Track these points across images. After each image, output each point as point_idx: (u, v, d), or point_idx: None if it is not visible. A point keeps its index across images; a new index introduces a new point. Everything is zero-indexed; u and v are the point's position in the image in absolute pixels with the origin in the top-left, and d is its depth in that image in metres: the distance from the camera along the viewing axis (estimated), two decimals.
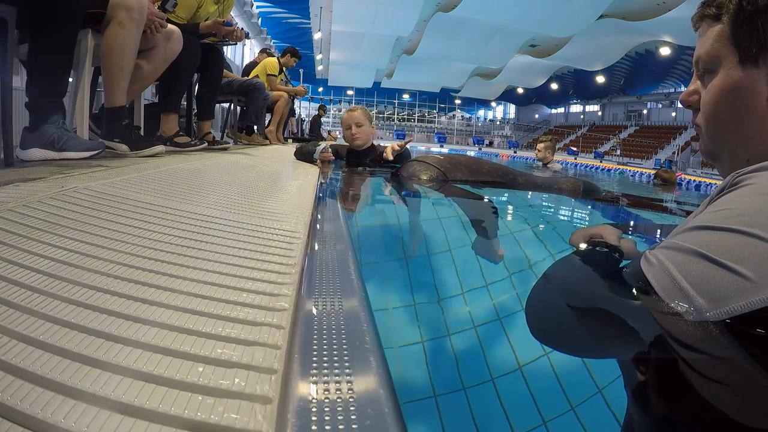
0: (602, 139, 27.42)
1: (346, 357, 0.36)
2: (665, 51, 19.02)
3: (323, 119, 12.06)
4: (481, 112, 38.45)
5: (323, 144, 2.74)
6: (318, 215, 0.98)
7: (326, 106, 13.62)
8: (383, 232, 1.43)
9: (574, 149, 20.28)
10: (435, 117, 35.24)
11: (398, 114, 34.31)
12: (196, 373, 0.31)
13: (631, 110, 30.09)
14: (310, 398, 0.31)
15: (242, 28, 2.68)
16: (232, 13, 3.66)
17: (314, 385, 0.32)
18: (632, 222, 1.84)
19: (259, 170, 1.76)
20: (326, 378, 0.33)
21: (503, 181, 2.26)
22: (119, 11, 1.60)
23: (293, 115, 8.33)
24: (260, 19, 17.80)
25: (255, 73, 4.52)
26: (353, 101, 31.63)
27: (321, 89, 30.48)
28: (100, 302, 0.40)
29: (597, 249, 0.71)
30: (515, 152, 16.74)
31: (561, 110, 36.04)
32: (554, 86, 28.98)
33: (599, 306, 0.61)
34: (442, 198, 2.01)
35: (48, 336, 0.34)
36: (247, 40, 12.04)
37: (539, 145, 4.59)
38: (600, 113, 32.56)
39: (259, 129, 4.19)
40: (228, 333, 0.37)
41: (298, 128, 9.88)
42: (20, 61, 1.55)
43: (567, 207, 2.16)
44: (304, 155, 2.59)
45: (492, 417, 0.58)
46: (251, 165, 1.90)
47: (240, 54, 13.34)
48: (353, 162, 2.54)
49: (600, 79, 26.41)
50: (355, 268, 0.59)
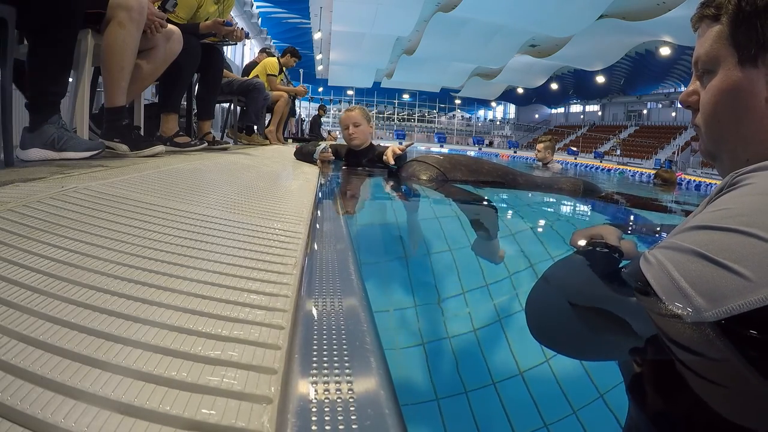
0: (602, 139, 27.41)
1: (346, 357, 0.36)
2: (665, 51, 19.02)
3: (323, 119, 12.05)
4: (481, 112, 38.44)
5: (323, 144, 2.74)
6: (318, 215, 0.98)
7: (326, 106, 13.62)
8: (383, 232, 1.43)
9: (574, 149, 20.27)
10: (435, 117, 35.21)
11: (398, 114, 34.29)
12: (196, 373, 0.32)
13: (631, 110, 30.08)
14: (310, 398, 0.31)
15: (242, 28, 2.68)
16: (232, 13, 3.66)
17: (314, 385, 0.32)
18: (632, 222, 1.84)
19: (259, 170, 1.76)
20: (326, 378, 0.33)
21: (503, 181, 2.26)
22: (119, 11, 1.60)
23: (294, 116, 8.33)
24: (260, 19, 17.81)
25: (255, 73, 4.53)
26: (353, 101, 31.61)
27: (321, 89, 30.48)
28: (100, 302, 0.40)
29: (597, 249, 0.71)
30: (515, 152, 16.74)
31: (561, 110, 36.03)
32: (554, 86, 28.97)
33: (599, 307, 0.61)
34: (442, 198, 2.01)
35: (48, 336, 0.34)
36: (247, 40, 12.04)
37: (539, 146, 4.59)
38: (600, 113, 32.54)
39: (259, 129, 4.19)
40: (228, 333, 0.37)
41: (298, 128, 9.87)
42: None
43: (567, 207, 2.16)
44: (304, 155, 2.59)
45: (493, 418, 0.58)
46: (251, 165, 1.90)
47: (240, 54, 13.35)
48: (352, 162, 2.54)
49: (600, 79, 26.40)
50: (355, 268, 0.59)
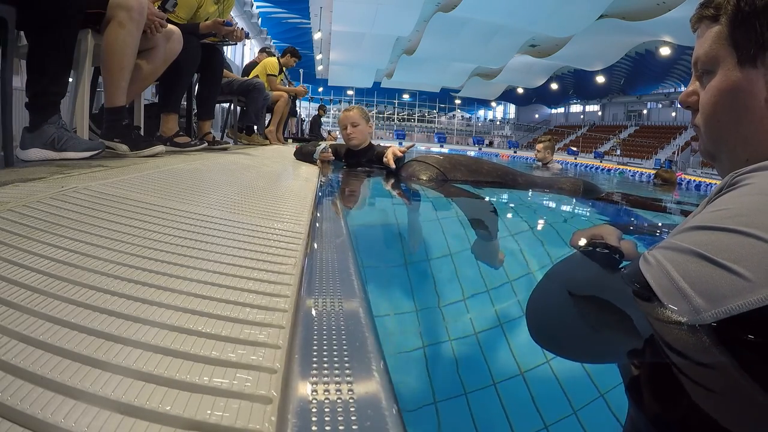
0: (602, 139, 27.40)
1: (346, 357, 0.36)
2: (665, 51, 19.01)
3: (323, 119, 12.06)
4: (481, 112, 38.43)
5: (323, 144, 2.74)
6: (318, 215, 0.98)
7: (326, 106, 13.62)
8: (383, 232, 1.43)
9: (574, 149, 20.25)
10: (435, 117, 35.20)
11: (398, 114, 34.28)
12: (196, 373, 0.32)
13: (631, 110, 30.07)
14: (310, 398, 0.31)
15: (242, 28, 2.68)
16: (232, 13, 3.66)
17: (314, 385, 0.32)
18: (632, 222, 1.83)
19: (259, 170, 1.76)
20: (326, 378, 0.33)
21: (503, 182, 2.26)
22: (119, 11, 1.60)
23: (295, 116, 8.33)
24: (260, 19, 17.81)
25: (255, 73, 4.53)
26: (353, 101, 31.59)
27: (321, 89, 30.48)
28: (100, 302, 0.40)
29: (597, 250, 0.71)
30: (515, 152, 16.72)
31: (561, 110, 36.02)
32: (554, 86, 28.96)
33: (599, 309, 0.61)
34: (442, 198, 2.01)
35: (48, 336, 0.34)
36: (247, 40, 12.04)
37: (538, 146, 4.59)
38: (600, 113, 32.54)
39: (259, 129, 4.18)
40: (228, 333, 0.37)
41: (298, 128, 9.87)
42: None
43: (567, 207, 2.16)
44: (304, 155, 2.60)
45: (493, 418, 0.58)
46: (251, 165, 1.90)
47: (240, 54, 13.35)
48: (351, 162, 2.55)
49: (600, 79, 26.40)
50: (355, 269, 0.59)
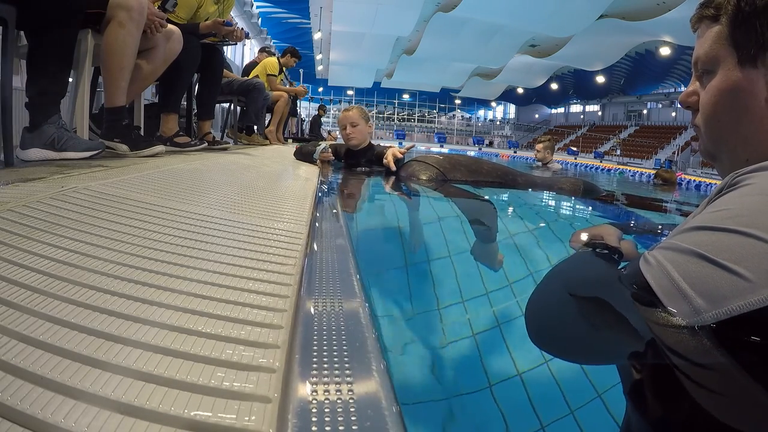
0: (602, 139, 27.40)
1: (346, 357, 0.36)
2: (665, 51, 19.00)
3: (323, 119, 12.05)
4: (481, 112, 38.42)
5: (323, 144, 2.74)
6: (318, 215, 0.98)
7: (326, 106, 13.62)
8: (383, 233, 1.43)
9: (574, 149, 20.25)
10: (435, 117, 35.19)
11: (398, 114, 34.27)
12: (196, 373, 0.32)
13: (631, 110, 30.06)
14: (310, 398, 0.31)
15: (242, 28, 2.68)
16: (232, 13, 3.66)
17: (314, 385, 0.32)
18: (632, 222, 1.83)
19: (259, 170, 1.76)
20: (326, 378, 0.33)
21: (503, 182, 2.26)
22: (119, 11, 1.60)
23: (294, 116, 8.32)
24: (260, 19, 17.81)
25: (255, 73, 4.53)
26: (353, 101, 31.58)
27: (321, 89, 30.47)
28: (100, 302, 0.40)
29: (597, 250, 0.71)
30: (515, 152, 16.72)
31: (561, 110, 36.02)
32: (554, 86, 28.94)
33: (598, 310, 0.61)
34: (441, 198, 2.01)
35: (48, 336, 0.34)
36: (247, 40, 12.04)
37: (538, 146, 4.59)
38: (600, 113, 32.53)
39: (259, 129, 4.18)
40: (228, 333, 0.37)
41: (298, 128, 9.87)
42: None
43: (567, 207, 2.16)
44: (304, 155, 2.59)
45: (492, 419, 0.58)
46: (251, 165, 1.90)
47: (240, 54, 13.35)
48: (351, 162, 2.54)
49: (600, 79, 26.38)
50: (355, 269, 0.59)
